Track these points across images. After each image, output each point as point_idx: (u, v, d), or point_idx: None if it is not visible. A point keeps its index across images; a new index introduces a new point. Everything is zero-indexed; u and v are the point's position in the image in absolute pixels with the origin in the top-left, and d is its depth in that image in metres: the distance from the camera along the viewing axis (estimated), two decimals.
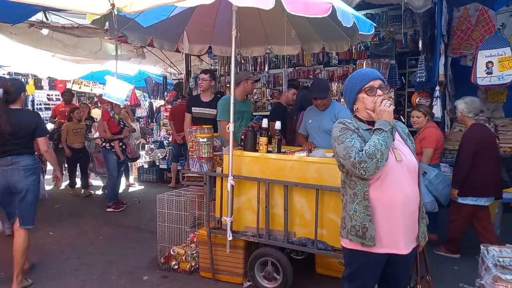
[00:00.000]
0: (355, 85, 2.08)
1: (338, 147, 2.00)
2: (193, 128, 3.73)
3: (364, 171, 1.89)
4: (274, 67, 7.62)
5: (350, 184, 2.04)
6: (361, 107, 2.08)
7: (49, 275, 3.74)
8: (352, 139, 1.96)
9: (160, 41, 4.41)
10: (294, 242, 3.22)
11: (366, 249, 1.98)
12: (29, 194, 3.41)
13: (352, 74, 2.15)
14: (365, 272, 2.06)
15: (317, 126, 4.02)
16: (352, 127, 2.02)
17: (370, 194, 1.97)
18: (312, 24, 4.07)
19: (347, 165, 1.95)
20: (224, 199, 3.45)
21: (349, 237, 2.01)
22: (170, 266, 3.78)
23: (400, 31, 6.50)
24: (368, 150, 1.88)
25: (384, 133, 1.92)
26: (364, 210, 1.96)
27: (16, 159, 3.36)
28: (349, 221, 2.02)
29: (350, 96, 2.12)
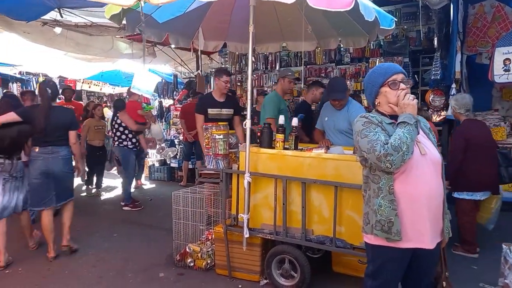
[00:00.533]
0: (377, 79, 2.06)
1: (361, 141, 1.98)
2: (209, 125, 3.73)
3: (390, 164, 1.86)
4: (286, 65, 7.59)
5: (374, 179, 2.01)
6: (383, 101, 2.06)
7: (66, 271, 3.75)
8: (376, 133, 1.94)
9: (175, 37, 4.41)
10: (312, 239, 3.20)
11: (391, 244, 1.95)
12: (66, 179, 4.07)
13: (374, 68, 2.12)
14: (390, 268, 2.03)
15: (333, 125, 3.99)
16: (376, 121, 2.00)
17: (395, 188, 1.94)
18: (329, 20, 4.04)
19: (372, 159, 1.92)
20: (240, 196, 3.44)
21: (374, 232, 1.98)
22: (185, 263, 3.77)
23: (414, 29, 6.45)
24: (393, 143, 1.86)
25: (409, 126, 1.90)
26: (390, 204, 1.93)
27: (56, 149, 3.90)
28: (374, 216, 1.99)
29: (372, 90, 2.09)
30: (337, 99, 3.81)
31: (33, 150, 3.91)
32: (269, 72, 7.74)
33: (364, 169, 2.11)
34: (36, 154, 3.88)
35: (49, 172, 3.88)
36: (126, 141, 5.86)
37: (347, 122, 3.85)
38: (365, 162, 2.06)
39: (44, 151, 3.87)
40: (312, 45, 4.69)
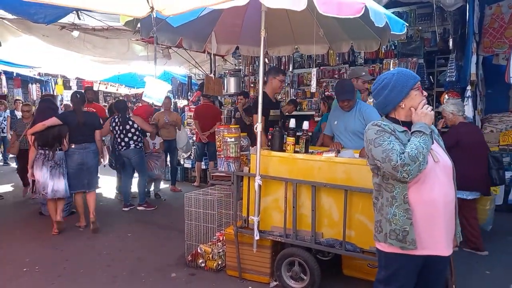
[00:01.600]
0: (408, 81, 2.02)
1: (374, 150, 1.96)
2: (221, 128, 3.77)
3: (407, 174, 1.85)
4: (299, 66, 7.60)
5: (387, 187, 2.00)
6: (408, 105, 2.03)
7: (82, 270, 3.85)
8: (391, 142, 1.93)
9: (188, 41, 4.47)
10: (322, 243, 3.21)
11: (405, 252, 1.95)
12: (95, 169, 5.16)
13: (399, 71, 2.06)
14: (403, 275, 2.02)
15: (344, 127, 3.97)
16: (389, 129, 1.98)
17: (409, 196, 1.93)
18: (341, 24, 4.04)
19: (387, 168, 1.90)
20: (251, 199, 3.47)
21: (389, 241, 1.97)
22: (197, 264, 3.82)
23: (429, 30, 6.37)
24: (411, 153, 1.85)
25: (425, 136, 1.91)
26: (404, 213, 1.93)
27: (88, 145, 4.99)
28: (387, 225, 1.98)
29: (401, 91, 2.02)
30: (346, 99, 3.80)
31: (70, 146, 4.92)
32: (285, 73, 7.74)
33: (375, 177, 2.10)
34: (73, 149, 4.93)
35: (83, 163, 4.96)
36: (140, 142, 6.00)
37: (360, 121, 3.83)
38: (377, 171, 2.05)
39: (79, 147, 4.94)
40: (324, 49, 4.69)
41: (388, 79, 2.06)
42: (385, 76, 2.09)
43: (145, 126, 6.07)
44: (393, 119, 2.08)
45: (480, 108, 5.85)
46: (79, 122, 4.90)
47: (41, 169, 4.75)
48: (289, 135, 3.45)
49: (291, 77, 7.61)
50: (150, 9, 1.92)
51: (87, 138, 5.00)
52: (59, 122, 4.81)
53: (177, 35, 4.22)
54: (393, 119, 2.09)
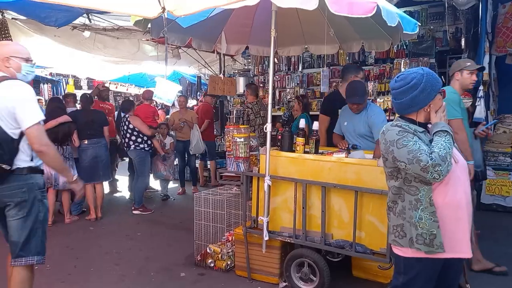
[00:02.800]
0: (437, 84, 1.97)
1: (398, 152, 1.88)
2: (231, 128, 3.77)
3: (438, 174, 1.80)
4: (308, 66, 7.56)
5: (409, 191, 1.94)
6: (432, 108, 1.98)
7: (92, 268, 3.88)
8: (416, 142, 1.87)
9: (198, 41, 4.47)
10: (332, 244, 3.19)
11: (429, 256, 1.90)
12: (107, 161, 5.65)
13: (428, 71, 1.98)
14: (423, 279, 1.98)
15: (353, 129, 3.91)
16: (410, 130, 1.93)
17: (435, 199, 1.90)
18: (352, 23, 4.01)
19: (415, 169, 1.84)
20: (260, 199, 3.46)
21: (416, 246, 1.91)
22: (206, 264, 3.83)
23: (440, 29, 6.29)
24: (440, 153, 1.81)
25: (449, 136, 1.88)
26: (431, 216, 1.88)
27: (99, 140, 5.52)
28: (413, 229, 1.92)
29: (430, 93, 1.95)
30: (356, 103, 3.75)
31: (82, 143, 5.36)
32: (292, 73, 7.72)
33: (393, 180, 2.01)
34: (86, 145, 5.40)
35: (97, 156, 5.44)
36: (142, 143, 5.88)
37: (366, 125, 3.79)
38: (397, 173, 1.98)
39: (92, 142, 5.43)
40: (334, 48, 4.66)
41: (418, 79, 1.95)
42: (414, 75, 1.96)
43: (142, 128, 5.89)
44: (410, 120, 2.02)
45: (493, 109, 5.76)
46: (88, 120, 5.39)
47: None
48: (298, 136, 3.43)
49: (301, 77, 7.58)
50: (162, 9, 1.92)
51: (97, 133, 5.50)
52: (69, 119, 5.20)
53: (187, 35, 4.22)
54: (410, 119, 2.02)
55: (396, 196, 2.02)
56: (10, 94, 2.36)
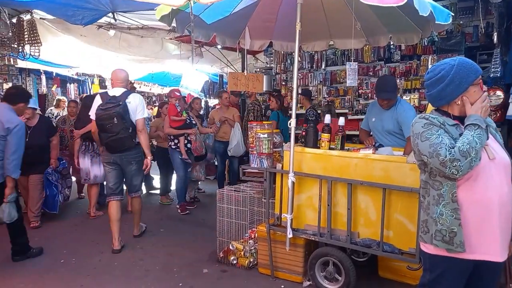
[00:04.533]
0: (470, 76, 1.85)
1: (421, 144, 1.83)
2: (254, 124, 3.73)
3: (457, 170, 1.72)
4: (332, 64, 7.44)
5: (434, 185, 1.87)
6: (466, 100, 1.86)
7: (116, 263, 3.92)
8: (439, 135, 1.79)
9: (222, 37, 4.45)
10: (358, 243, 3.10)
11: (452, 255, 1.82)
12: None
13: (460, 62, 1.87)
14: (449, 279, 1.88)
15: (381, 126, 3.81)
16: (437, 122, 1.84)
17: (459, 195, 1.80)
18: (379, 16, 3.89)
19: (435, 163, 1.77)
20: (284, 196, 3.41)
21: (434, 242, 1.84)
22: (228, 261, 3.80)
23: (470, 24, 6.08)
24: (461, 148, 1.71)
25: (480, 130, 1.75)
26: (452, 213, 1.79)
27: None
28: (434, 225, 1.85)
29: (461, 85, 1.85)
30: (386, 98, 3.64)
31: None
32: (315, 71, 7.62)
33: (422, 173, 1.97)
34: None
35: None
36: (169, 141, 5.75)
37: (394, 122, 3.68)
38: (424, 167, 1.92)
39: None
40: (360, 43, 4.54)
41: (446, 71, 1.86)
42: (443, 67, 1.89)
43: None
44: (444, 112, 1.94)
45: None
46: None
47: (84, 158, 5.37)
48: (323, 132, 3.36)
49: (324, 74, 7.48)
50: None
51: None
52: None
53: (211, 31, 4.20)
54: (444, 112, 1.94)
55: (424, 190, 1.96)
56: (136, 100, 4.13)
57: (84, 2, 4.60)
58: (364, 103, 6.90)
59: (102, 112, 3.96)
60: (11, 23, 5.97)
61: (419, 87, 6.38)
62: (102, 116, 3.95)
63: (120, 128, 3.96)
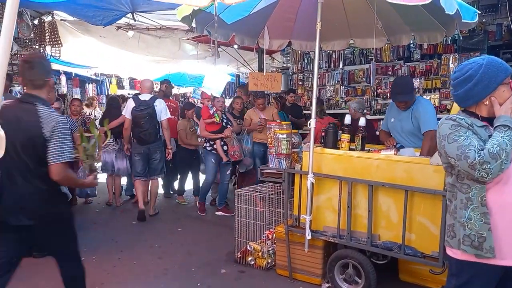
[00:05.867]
0: (499, 75, 1.79)
1: (448, 147, 1.78)
2: (272, 124, 3.71)
3: (486, 173, 1.66)
4: (350, 63, 7.37)
5: (461, 188, 1.81)
6: (495, 101, 1.80)
7: (135, 261, 3.95)
8: (468, 137, 1.74)
9: (241, 37, 4.45)
10: (379, 245, 3.05)
11: (481, 260, 1.76)
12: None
13: (489, 61, 1.81)
14: (478, 286, 1.83)
15: (400, 127, 3.73)
16: (465, 124, 1.78)
17: (488, 199, 1.74)
18: (401, 14, 3.82)
19: (463, 166, 1.72)
20: (303, 197, 3.38)
21: (462, 247, 1.78)
22: (246, 261, 3.79)
23: (494, 22, 5.93)
24: (491, 150, 1.65)
25: (510, 131, 1.69)
26: (482, 217, 1.74)
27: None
28: (461, 229, 1.79)
29: (490, 85, 1.79)
30: (403, 101, 3.58)
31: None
32: (332, 71, 7.55)
33: (448, 176, 1.91)
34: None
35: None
36: (205, 142, 5.53)
37: (414, 121, 3.61)
38: (450, 169, 1.87)
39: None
40: (381, 42, 4.47)
41: (474, 70, 1.81)
42: (471, 66, 1.83)
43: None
44: (472, 113, 1.88)
45: None
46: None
47: (110, 153, 5.86)
48: (344, 132, 3.32)
49: (342, 74, 7.41)
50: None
51: None
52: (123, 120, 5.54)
53: (230, 31, 4.21)
54: (471, 113, 1.88)
55: (450, 194, 1.91)
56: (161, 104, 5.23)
57: (105, 2, 4.66)
58: (383, 103, 6.81)
59: (137, 113, 5.07)
60: (33, 24, 6.10)
61: (439, 86, 6.27)
62: (137, 115, 5.06)
63: (150, 125, 5.09)
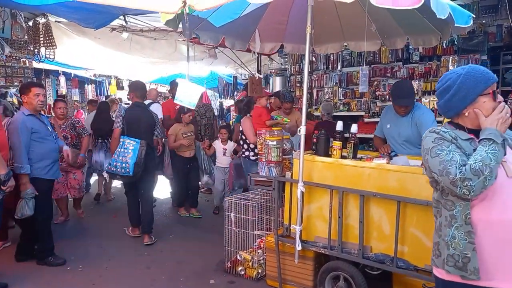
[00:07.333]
0: (478, 85, 1.69)
1: (431, 161, 1.68)
2: (263, 131, 3.60)
3: (468, 190, 1.55)
4: (348, 65, 7.23)
5: (446, 205, 1.70)
6: (474, 114, 1.70)
7: (122, 271, 3.85)
8: (450, 152, 1.63)
9: (231, 40, 4.34)
10: (370, 257, 2.94)
11: (466, 282, 1.65)
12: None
13: (468, 71, 1.72)
14: None
15: (397, 133, 3.61)
16: (449, 137, 1.68)
17: (473, 217, 1.62)
18: (395, 17, 3.70)
19: (445, 182, 1.62)
20: (293, 206, 3.27)
21: (446, 268, 1.68)
22: (236, 271, 3.69)
23: (494, 23, 5.79)
24: (473, 166, 1.54)
25: (495, 145, 1.58)
26: (466, 236, 1.62)
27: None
28: (445, 249, 1.68)
29: (465, 97, 1.70)
30: (404, 105, 3.45)
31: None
32: (330, 72, 7.42)
33: (434, 191, 1.80)
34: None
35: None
36: (248, 151, 4.90)
37: (413, 127, 3.49)
38: (435, 184, 1.76)
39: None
40: (375, 45, 4.35)
41: (452, 80, 1.74)
42: (450, 76, 1.76)
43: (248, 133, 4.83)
44: (458, 125, 1.77)
45: None
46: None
47: (98, 153, 6.05)
48: (335, 139, 3.21)
49: (340, 76, 7.28)
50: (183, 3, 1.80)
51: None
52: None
53: (219, 34, 4.10)
54: (457, 125, 1.78)
55: (435, 210, 1.80)
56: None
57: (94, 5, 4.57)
58: (381, 105, 6.68)
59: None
60: (28, 26, 6.02)
61: None
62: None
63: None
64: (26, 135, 3.72)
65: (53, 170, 3.97)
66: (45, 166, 3.85)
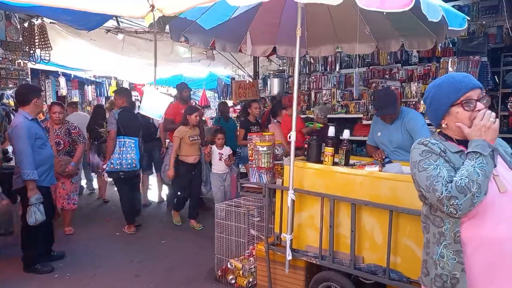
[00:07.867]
0: (448, 97, 1.61)
1: (418, 175, 1.58)
2: (253, 136, 3.51)
3: (455, 209, 1.44)
4: (346, 66, 7.13)
5: (434, 221, 1.60)
6: (453, 123, 1.62)
7: (111, 279, 3.77)
8: (437, 166, 1.53)
9: (222, 42, 4.24)
10: (362, 268, 2.83)
11: None
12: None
13: (441, 82, 1.67)
14: None
15: (388, 141, 3.53)
16: (437, 149, 1.58)
17: (463, 235, 1.51)
18: (390, 19, 3.60)
19: (432, 199, 1.52)
20: (284, 214, 3.17)
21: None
22: (227, 280, 3.60)
23: (494, 24, 5.67)
24: (459, 183, 1.43)
25: (482, 158, 1.46)
26: (455, 255, 1.52)
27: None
28: (433, 268, 1.59)
29: (438, 109, 1.65)
30: (388, 114, 3.37)
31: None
32: (328, 74, 7.32)
33: (423, 205, 1.70)
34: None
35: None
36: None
37: (404, 132, 3.40)
38: (424, 199, 1.66)
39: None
40: (370, 47, 4.25)
41: (427, 92, 1.72)
42: (429, 87, 1.74)
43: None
44: (446, 136, 1.67)
45: None
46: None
47: (94, 154, 6.32)
48: (327, 145, 3.11)
49: (338, 77, 7.17)
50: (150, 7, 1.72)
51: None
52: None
53: (209, 37, 4.01)
54: (446, 135, 1.67)
55: (424, 225, 1.71)
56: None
57: None
58: None
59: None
60: (23, 27, 5.96)
61: None
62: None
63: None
64: (32, 141, 3.67)
65: (49, 177, 3.92)
66: (42, 173, 3.78)
